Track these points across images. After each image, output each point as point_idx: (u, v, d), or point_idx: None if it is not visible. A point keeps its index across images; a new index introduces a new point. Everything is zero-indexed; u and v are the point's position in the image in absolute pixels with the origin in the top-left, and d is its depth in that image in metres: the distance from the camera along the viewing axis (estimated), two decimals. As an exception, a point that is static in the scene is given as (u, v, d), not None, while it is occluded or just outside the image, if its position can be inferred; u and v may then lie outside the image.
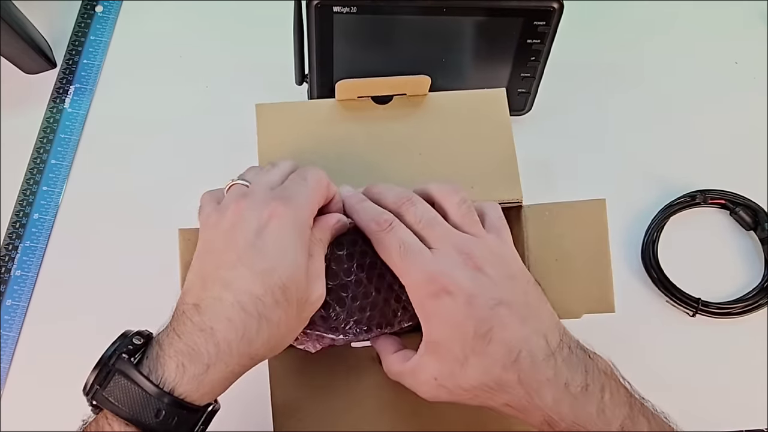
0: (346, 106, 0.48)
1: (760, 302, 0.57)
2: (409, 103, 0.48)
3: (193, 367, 0.32)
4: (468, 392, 0.36)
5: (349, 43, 0.55)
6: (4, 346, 0.55)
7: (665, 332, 0.57)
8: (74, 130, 0.63)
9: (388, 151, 0.46)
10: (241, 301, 0.33)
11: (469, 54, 0.56)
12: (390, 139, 0.47)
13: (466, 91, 0.48)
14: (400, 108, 0.48)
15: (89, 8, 0.68)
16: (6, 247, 0.58)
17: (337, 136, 0.47)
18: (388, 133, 0.47)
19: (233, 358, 0.33)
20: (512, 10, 0.52)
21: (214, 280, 0.34)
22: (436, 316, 0.36)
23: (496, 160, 0.46)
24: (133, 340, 0.34)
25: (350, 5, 0.51)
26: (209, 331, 0.33)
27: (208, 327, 0.33)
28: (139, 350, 0.34)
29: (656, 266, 0.58)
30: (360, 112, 0.48)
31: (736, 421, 0.54)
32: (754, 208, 0.60)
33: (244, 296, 0.33)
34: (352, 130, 0.47)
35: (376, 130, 0.47)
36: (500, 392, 0.35)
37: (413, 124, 0.47)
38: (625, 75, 0.67)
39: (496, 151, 0.47)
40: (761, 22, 0.70)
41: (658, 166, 0.63)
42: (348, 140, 0.47)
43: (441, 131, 0.47)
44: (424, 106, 0.48)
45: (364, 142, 0.47)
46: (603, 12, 0.70)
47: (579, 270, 0.44)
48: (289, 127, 0.47)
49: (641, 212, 0.61)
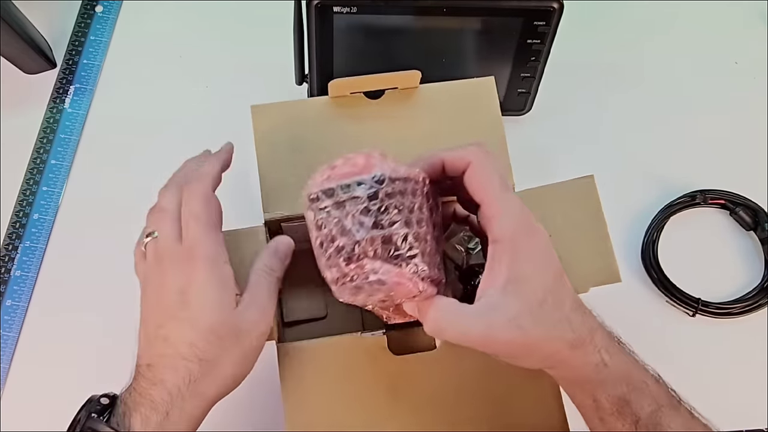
0: (339, 102, 0.48)
1: (760, 302, 0.57)
2: (401, 96, 0.49)
3: (154, 416, 0.37)
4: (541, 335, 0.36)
5: (349, 43, 0.55)
6: (4, 346, 0.55)
7: (665, 332, 0.57)
8: (74, 130, 0.63)
9: (382, 144, 0.46)
10: (180, 351, 0.38)
11: (469, 54, 0.57)
12: (383, 132, 0.48)
13: (456, 81, 0.49)
14: (392, 102, 0.49)
15: (89, 8, 0.68)
16: (6, 247, 0.58)
17: (332, 132, 0.48)
18: (382, 126, 0.48)
19: (185, 401, 0.37)
20: (512, 10, 0.52)
21: (156, 338, 0.39)
22: (526, 251, 0.37)
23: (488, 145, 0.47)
24: (101, 401, 0.38)
25: (350, 5, 0.51)
26: (160, 383, 0.37)
27: (159, 380, 0.38)
28: (106, 410, 0.38)
29: (656, 266, 0.58)
30: (353, 108, 0.48)
31: (736, 421, 0.54)
32: (754, 208, 0.60)
33: (182, 346, 0.38)
34: (347, 126, 0.48)
35: (370, 124, 0.48)
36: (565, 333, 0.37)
37: (406, 117, 0.48)
38: (625, 75, 0.67)
39: (487, 137, 0.47)
40: (761, 22, 0.70)
41: (658, 166, 0.63)
42: (343, 136, 0.47)
43: (433, 121, 0.48)
44: (416, 99, 0.49)
45: (359, 136, 0.48)
46: (603, 12, 0.70)
47: (578, 245, 0.44)
48: (284, 126, 0.47)
49: (641, 212, 0.61)
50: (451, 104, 0.49)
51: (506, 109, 0.61)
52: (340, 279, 0.36)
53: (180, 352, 0.38)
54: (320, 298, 0.52)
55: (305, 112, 0.48)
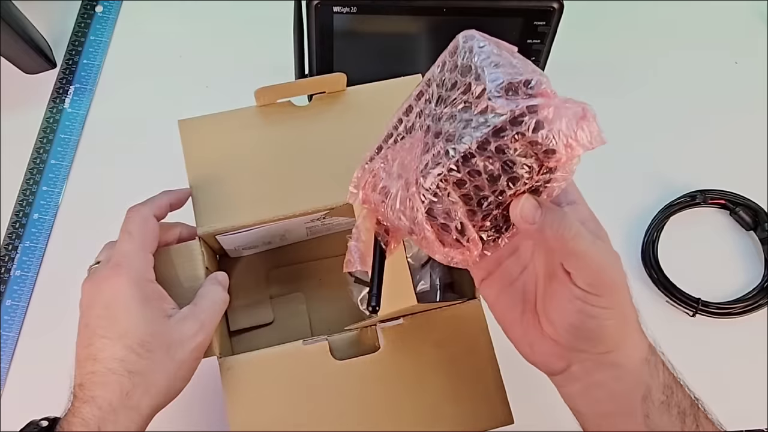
0: (267, 111, 0.48)
1: (760, 302, 0.57)
2: (329, 100, 0.49)
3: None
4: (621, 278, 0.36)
5: (349, 43, 0.55)
6: (4, 346, 0.55)
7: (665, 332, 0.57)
8: (74, 130, 0.63)
9: (313, 150, 0.47)
10: (110, 366, 0.38)
11: (469, 54, 0.56)
12: (313, 137, 0.48)
13: (384, 81, 0.49)
14: (320, 106, 0.49)
15: (89, 8, 0.68)
16: (6, 247, 0.58)
17: (262, 141, 0.47)
18: (311, 132, 0.48)
19: (118, 415, 0.37)
20: (512, 10, 0.52)
21: (86, 358, 0.39)
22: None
23: None
24: (40, 423, 0.39)
25: (350, 5, 0.51)
26: (91, 400, 0.37)
27: (90, 397, 0.38)
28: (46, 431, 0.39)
29: (656, 266, 0.58)
30: (281, 116, 0.48)
31: (736, 421, 0.54)
32: (754, 208, 0.60)
33: (111, 362, 0.38)
34: (276, 134, 0.48)
35: (299, 131, 0.48)
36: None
37: (335, 121, 0.48)
38: (625, 75, 0.67)
39: None
40: (761, 22, 0.70)
41: (658, 166, 0.63)
42: (273, 144, 0.47)
43: (363, 123, 0.48)
44: (344, 102, 0.49)
45: (289, 144, 0.47)
46: (603, 12, 0.70)
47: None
48: (213, 139, 0.47)
49: (641, 212, 0.61)
50: (379, 104, 0.48)
51: (506, 109, 0.61)
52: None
53: (109, 367, 0.38)
54: (266, 304, 0.52)
55: (233, 123, 0.48)
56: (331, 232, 0.53)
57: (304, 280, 0.54)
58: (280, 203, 0.45)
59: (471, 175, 0.30)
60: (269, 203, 0.45)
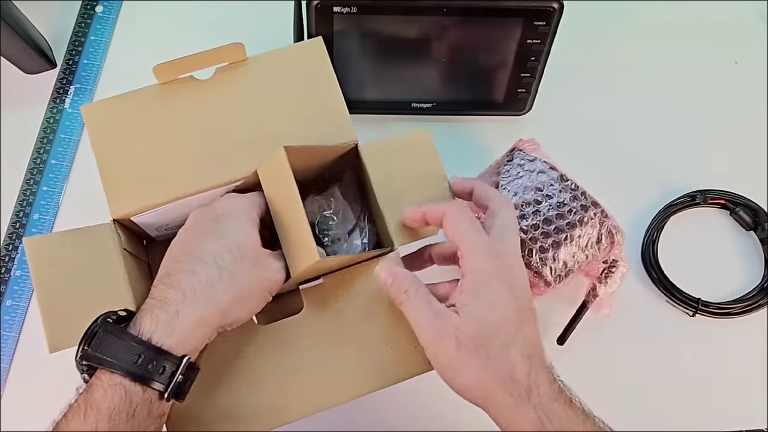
0: (169, 88, 0.48)
1: (760, 302, 0.57)
2: (232, 71, 0.49)
3: (164, 315, 0.37)
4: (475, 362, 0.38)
5: (349, 43, 0.55)
6: (4, 346, 0.55)
7: (665, 332, 0.57)
8: (74, 130, 0.63)
9: (220, 122, 0.47)
10: (202, 257, 0.39)
11: (470, 54, 0.56)
12: (219, 110, 0.48)
13: (284, 47, 0.50)
14: (223, 78, 0.49)
15: (89, 8, 0.68)
16: (6, 247, 0.58)
17: (168, 118, 0.47)
18: (217, 104, 0.48)
19: (199, 302, 0.38)
20: (512, 10, 0.52)
21: (180, 252, 0.41)
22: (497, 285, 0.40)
23: (325, 107, 0.48)
24: (118, 312, 0.38)
25: (350, 5, 0.51)
26: (176, 285, 0.38)
27: (175, 282, 0.38)
28: (123, 320, 0.38)
29: (656, 266, 0.58)
30: (185, 92, 0.48)
31: (736, 421, 0.54)
32: (754, 208, 0.60)
33: (205, 254, 0.39)
34: (181, 110, 0.48)
35: (204, 104, 0.48)
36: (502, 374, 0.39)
37: (239, 91, 0.48)
38: (625, 75, 0.67)
39: (324, 98, 0.48)
40: (761, 22, 0.70)
41: (658, 166, 0.63)
42: (179, 120, 0.47)
43: (267, 91, 0.48)
44: (247, 72, 0.49)
45: (195, 118, 0.47)
46: (603, 12, 0.70)
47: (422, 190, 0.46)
48: (118, 121, 0.47)
49: (641, 212, 0.61)
50: (282, 71, 0.49)
51: (506, 109, 0.61)
52: None
53: (200, 257, 0.39)
54: None
55: (137, 103, 0.48)
56: None
57: None
58: (190, 178, 0.46)
59: None
60: (180, 179, 0.45)
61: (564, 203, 0.51)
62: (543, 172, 0.53)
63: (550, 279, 0.51)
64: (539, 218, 0.51)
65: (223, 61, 0.48)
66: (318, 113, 0.48)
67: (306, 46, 0.50)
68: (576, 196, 0.52)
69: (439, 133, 0.63)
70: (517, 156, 0.54)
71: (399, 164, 0.47)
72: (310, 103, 0.48)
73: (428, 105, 0.61)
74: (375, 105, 0.61)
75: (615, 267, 0.53)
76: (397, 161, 0.47)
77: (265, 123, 0.47)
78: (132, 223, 0.47)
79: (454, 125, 0.64)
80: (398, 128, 0.63)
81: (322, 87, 0.48)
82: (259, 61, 0.49)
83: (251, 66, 0.49)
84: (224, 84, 0.48)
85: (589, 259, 0.52)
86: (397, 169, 0.47)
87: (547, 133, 0.61)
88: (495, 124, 0.63)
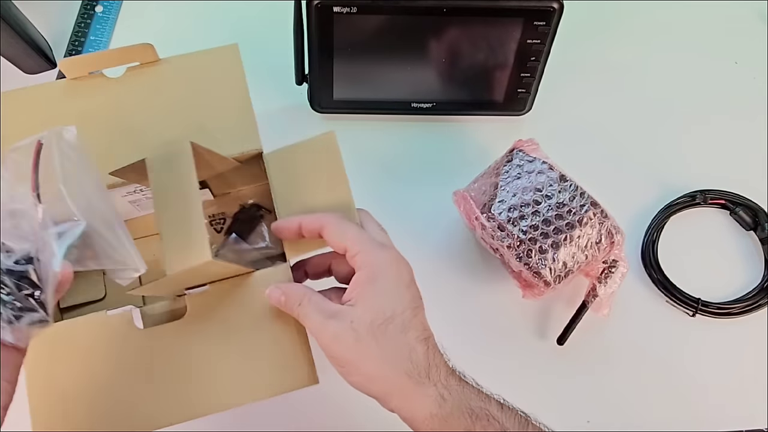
0: (80, 84, 0.48)
1: (760, 302, 0.57)
2: (143, 71, 0.48)
3: None
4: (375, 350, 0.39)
5: (349, 43, 0.55)
6: (4, 346, 0.55)
7: (665, 332, 0.57)
8: (74, 130, 0.63)
9: (123, 122, 0.47)
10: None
11: (470, 54, 0.56)
12: (124, 109, 0.47)
13: (198, 51, 0.49)
14: (134, 78, 0.48)
15: (89, 8, 0.68)
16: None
17: (71, 114, 0.47)
18: (122, 103, 0.47)
19: None
20: (512, 10, 0.52)
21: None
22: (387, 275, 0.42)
23: (234, 113, 0.48)
24: None
25: (350, 5, 0.51)
26: None
27: None
28: None
29: (656, 266, 0.58)
30: (94, 89, 0.48)
31: (736, 421, 0.54)
32: (754, 208, 0.60)
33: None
34: (90, 107, 0.47)
35: (110, 102, 0.47)
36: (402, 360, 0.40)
37: (149, 92, 0.48)
38: (625, 75, 0.67)
39: (233, 105, 0.48)
40: (761, 22, 0.70)
41: (658, 166, 0.63)
42: (87, 117, 0.47)
43: (177, 94, 0.48)
44: (158, 73, 0.49)
45: (99, 116, 0.47)
46: (603, 12, 0.70)
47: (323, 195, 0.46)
48: (23, 113, 0.46)
49: (641, 212, 0.61)
50: (194, 74, 0.48)
51: (506, 109, 0.61)
52: None
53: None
54: (98, 279, 0.51)
55: (46, 98, 0.47)
56: None
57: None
58: None
59: None
60: None
61: (563, 204, 0.51)
62: (542, 172, 0.53)
63: (549, 279, 0.51)
64: (538, 219, 0.51)
65: (132, 61, 0.48)
66: (227, 118, 0.47)
67: (221, 51, 0.49)
68: (575, 196, 0.52)
69: (439, 133, 0.64)
70: (517, 156, 0.54)
71: (301, 171, 0.46)
72: (220, 108, 0.48)
73: (428, 105, 0.61)
74: (375, 105, 0.61)
75: (615, 267, 0.53)
76: (300, 167, 0.46)
77: (175, 125, 0.47)
78: None
79: (454, 125, 0.64)
80: (398, 128, 0.63)
81: (232, 93, 0.48)
82: (171, 63, 0.49)
83: (162, 67, 0.49)
84: (133, 83, 0.48)
85: (589, 259, 0.52)
86: (299, 175, 0.46)
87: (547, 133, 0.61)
88: (495, 124, 0.63)
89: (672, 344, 0.57)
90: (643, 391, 0.55)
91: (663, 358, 0.56)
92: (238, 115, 0.47)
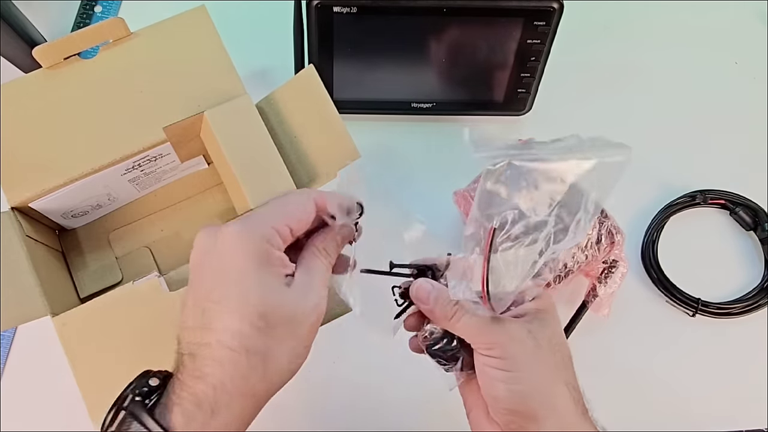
0: (56, 72, 0.48)
1: (760, 302, 0.57)
2: (117, 48, 0.49)
3: (200, 414, 0.32)
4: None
5: (349, 43, 0.55)
6: (4, 346, 0.55)
7: (665, 332, 0.57)
8: (74, 130, 0.63)
9: (111, 99, 0.47)
10: (224, 340, 0.33)
11: (470, 54, 0.56)
12: (108, 87, 0.47)
13: (168, 18, 0.50)
14: (110, 56, 0.48)
15: (89, 8, 0.68)
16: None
17: (57, 102, 0.47)
18: (105, 81, 0.48)
19: (233, 399, 0.32)
20: (512, 10, 0.52)
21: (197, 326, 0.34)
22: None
23: (215, 72, 0.48)
24: (149, 382, 0.34)
25: (350, 5, 0.51)
26: (204, 378, 0.32)
27: (202, 373, 0.33)
28: (154, 392, 0.33)
29: (656, 266, 0.58)
30: (71, 73, 0.48)
31: (736, 421, 0.54)
32: (754, 208, 0.60)
33: (226, 335, 0.33)
34: (70, 92, 0.47)
35: (93, 83, 0.47)
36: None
37: (127, 67, 0.48)
38: (625, 75, 0.67)
39: (212, 64, 0.48)
40: (761, 22, 0.70)
41: (658, 166, 0.63)
42: (69, 102, 0.47)
43: (156, 63, 0.48)
44: (132, 47, 0.49)
45: (86, 98, 0.47)
46: (603, 12, 0.70)
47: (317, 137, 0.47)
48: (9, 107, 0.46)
49: (641, 212, 0.61)
50: (169, 42, 0.49)
51: (506, 109, 0.61)
52: None
53: (224, 342, 0.33)
54: (113, 265, 0.51)
55: (24, 90, 0.47)
56: (162, 184, 0.53)
57: (146, 234, 0.54)
58: (85, 158, 0.45)
59: None
60: (75, 160, 0.45)
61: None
62: None
63: (549, 279, 0.51)
64: None
65: (105, 39, 0.48)
66: (209, 79, 0.48)
67: (189, 14, 0.50)
68: None
69: (439, 133, 0.64)
70: None
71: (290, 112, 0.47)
72: (200, 70, 0.48)
73: (428, 105, 0.61)
74: (375, 105, 0.61)
75: (615, 267, 0.53)
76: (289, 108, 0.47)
77: (158, 95, 0.47)
78: (34, 211, 0.46)
79: (454, 125, 0.64)
80: (398, 128, 0.63)
81: (210, 52, 0.48)
82: (142, 35, 0.49)
83: (136, 41, 0.49)
84: (110, 61, 0.48)
85: (589, 259, 0.52)
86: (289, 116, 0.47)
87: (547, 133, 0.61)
88: (495, 124, 0.63)
89: (672, 344, 0.57)
90: (643, 391, 0.55)
91: (663, 358, 0.56)
92: (219, 73, 0.48)
